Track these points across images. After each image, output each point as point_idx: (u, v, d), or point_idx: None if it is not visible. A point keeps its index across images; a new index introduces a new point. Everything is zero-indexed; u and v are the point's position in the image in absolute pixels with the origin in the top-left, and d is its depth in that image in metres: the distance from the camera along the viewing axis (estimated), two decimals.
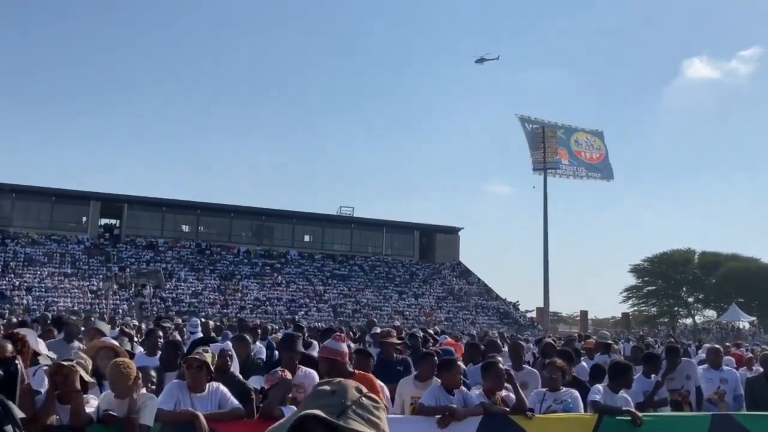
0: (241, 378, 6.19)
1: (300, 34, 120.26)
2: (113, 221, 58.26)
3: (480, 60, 69.19)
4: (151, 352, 7.32)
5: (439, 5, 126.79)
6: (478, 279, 64.84)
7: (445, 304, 58.67)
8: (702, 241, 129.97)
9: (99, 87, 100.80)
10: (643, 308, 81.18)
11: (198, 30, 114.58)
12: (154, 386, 5.71)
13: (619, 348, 18.77)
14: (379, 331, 10.26)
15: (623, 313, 73.91)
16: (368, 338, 12.30)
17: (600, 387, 6.59)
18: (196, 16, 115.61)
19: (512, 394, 6.04)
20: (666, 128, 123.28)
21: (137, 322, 17.45)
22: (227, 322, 19.19)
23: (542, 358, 9.20)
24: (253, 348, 9.59)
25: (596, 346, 11.63)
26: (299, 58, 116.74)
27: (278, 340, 10.58)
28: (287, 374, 5.56)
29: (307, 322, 33.64)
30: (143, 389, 5.15)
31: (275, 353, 9.30)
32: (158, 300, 47.49)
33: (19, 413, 3.48)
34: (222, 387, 5.36)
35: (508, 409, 5.92)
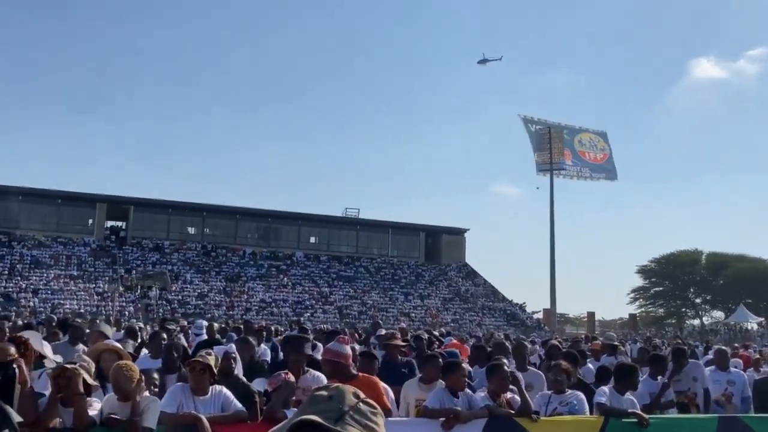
0: (245, 380, 6.17)
1: (305, 37, 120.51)
2: (119, 223, 58.42)
3: (483, 61, 69.03)
4: (155, 355, 7.30)
5: (443, 7, 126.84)
6: (485, 280, 64.74)
7: (452, 306, 58.60)
8: (709, 242, 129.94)
9: (105, 89, 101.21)
10: (651, 309, 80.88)
11: (204, 32, 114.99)
12: (158, 389, 5.69)
13: (626, 349, 18.70)
14: (384, 333, 10.23)
15: (630, 315, 73.75)
16: (373, 340, 12.26)
17: (606, 389, 6.54)
18: (202, 19, 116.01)
19: (517, 396, 6.01)
20: (673, 128, 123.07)
21: (142, 324, 17.44)
22: (233, 324, 19.19)
23: (547, 360, 9.16)
24: (258, 350, 9.57)
25: (602, 348, 11.56)
26: (304, 61, 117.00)
27: (281, 342, 10.58)
28: (290, 377, 5.53)
29: (313, 324, 33.65)
30: (146, 392, 5.14)
31: (280, 355, 9.28)
32: (164, 302, 47.59)
33: (17, 417, 3.47)
34: (225, 390, 5.35)
35: (513, 412, 5.89)
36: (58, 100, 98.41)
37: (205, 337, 11.65)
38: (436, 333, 15.56)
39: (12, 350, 4.84)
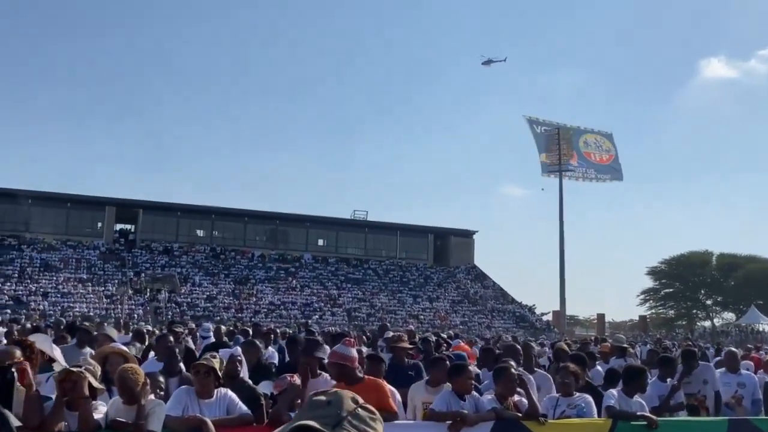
0: (251, 383, 6.15)
1: (310, 40, 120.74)
2: (128, 226, 58.71)
3: (487, 62, 68.69)
4: (162, 358, 7.29)
5: (447, 8, 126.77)
6: (494, 282, 64.61)
7: (460, 308, 58.50)
8: (719, 243, 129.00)
9: (113, 94, 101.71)
10: (661, 311, 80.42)
11: (216, 36, 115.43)
12: (163, 392, 5.68)
13: (636, 351, 18.59)
14: (391, 336, 10.19)
15: (641, 316, 73.49)
16: (381, 343, 12.23)
17: (614, 392, 6.48)
18: (215, 23, 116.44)
19: (525, 399, 5.96)
20: (683, 128, 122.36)
21: (151, 327, 17.48)
22: (241, 327, 19.19)
23: (555, 363, 9.10)
24: (266, 353, 9.56)
25: (611, 350, 11.50)
26: (311, 64, 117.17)
27: (286, 343, 10.53)
28: (296, 379, 5.51)
29: (321, 327, 33.66)
30: (151, 395, 5.13)
31: (286, 357, 9.26)
32: (173, 305, 47.73)
33: (15, 421, 3.46)
34: (230, 393, 5.33)
35: (521, 415, 5.84)
36: (67, 105, 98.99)
37: (213, 340, 11.66)
38: (444, 335, 15.51)
39: (17, 353, 4.85)
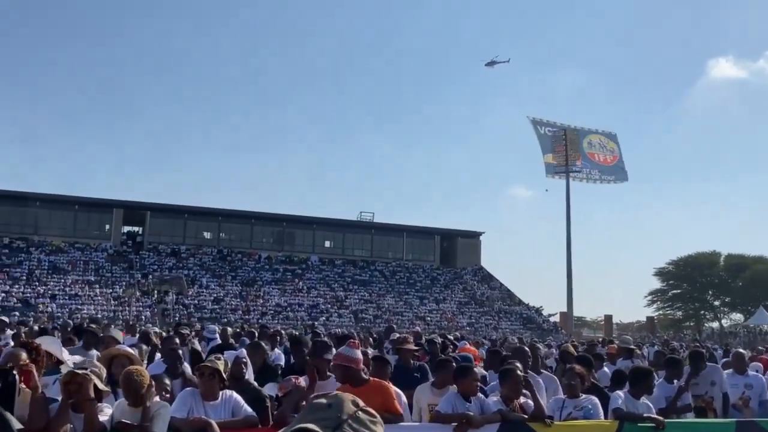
0: (256, 385, 6.14)
1: (317, 43, 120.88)
2: (136, 228, 58.90)
3: (490, 63, 68.42)
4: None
5: (452, 9, 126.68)
6: (501, 284, 64.48)
7: (467, 310, 58.42)
8: (727, 244, 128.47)
9: (121, 95, 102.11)
10: (669, 312, 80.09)
11: (224, 38, 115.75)
12: (169, 394, 5.68)
13: (644, 353, 18.50)
14: (397, 338, 10.18)
15: (648, 317, 73.19)
16: (387, 344, 12.22)
17: (621, 393, 6.45)
18: (224, 27, 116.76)
19: (531, 401, 5.94)
20: (690, 128, 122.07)
21: (158, 329, 17.52)
22: (247, 328, 19.22)
23: (562, 364, 9.07)
24: (272, 354, 9.56)
25: (618, 351, 11.44)
26: (317, 67, 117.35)
27: (290, 343, 10.54)
28: (301, 381, 5.50)
29: (328, 329, 33.65)
30: (157, 397, 5.12)
31: (291, 359, 9.27)
32: (181, 306, 47.83)
33: (17, 424, 3.46)
34: (235, 394, 5.33)
35: (527, 417, 5.82)
36: (75, 108, 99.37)
37: (219, 342, 11.67)
38: (451, 337, 15.48)
39: (23, 356, 4.85)
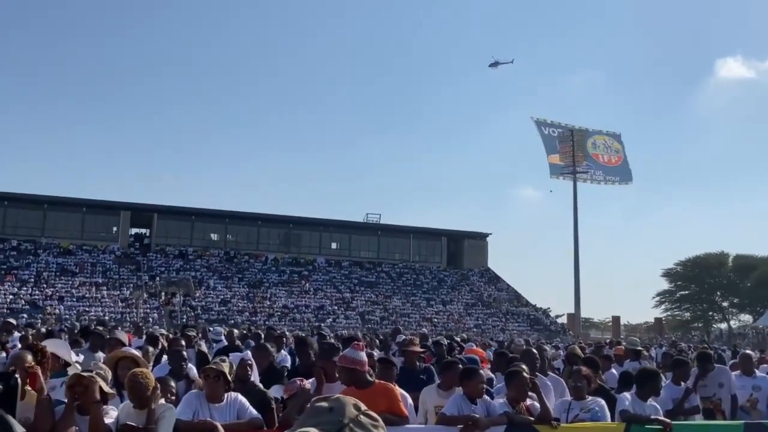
0: (261, 387, 6.14)
1: (322, 45, 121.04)
2: (143, 231, 59.08)
3: (494, 64, 68.11)
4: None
5: (456, 10, 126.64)
6: (508, 285, 64.36)
7: (474, 311, 58.34)
8: (736, 244, 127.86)
9: (129, 97, 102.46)
10: (677, 313, 79.74)
11: (232, 42, 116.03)
12: (174, 396, 5.68)
13: (652, 354, 18.42)
14: (402, 339, 10.17)
15: (656, 319, 72.88)
16: (393, 346, 12.20)
17: (628, 395, 6.41)
18: (232, 30, 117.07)
19: (537, 403, 5.91)
20: (699, 129, 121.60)
21: (165, 331, 17.53)
22: (254, 330, 19.23)
23: (568, 366, 9.03)
24: (278, 356, 9.55)
25: (625, 353, 11.38)
26: (323, 69, 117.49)
27: (295, 345, 10.52)
28: (306, 384, 5.49)
29: (335, 330, 33.65)
30: (162, 399, 5.12)
31: (296, 360, 9.27)
32: (188, 308, 47.93)
33: (20, 428, 3.46)
34: (240, 397, 5.32)
35: (533, 419, 5.79)
36: (82, 109, 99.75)
37: (225, 344, 11.68)
38: (458, 339, 15.44)
39: (29, 358, 4.86)
